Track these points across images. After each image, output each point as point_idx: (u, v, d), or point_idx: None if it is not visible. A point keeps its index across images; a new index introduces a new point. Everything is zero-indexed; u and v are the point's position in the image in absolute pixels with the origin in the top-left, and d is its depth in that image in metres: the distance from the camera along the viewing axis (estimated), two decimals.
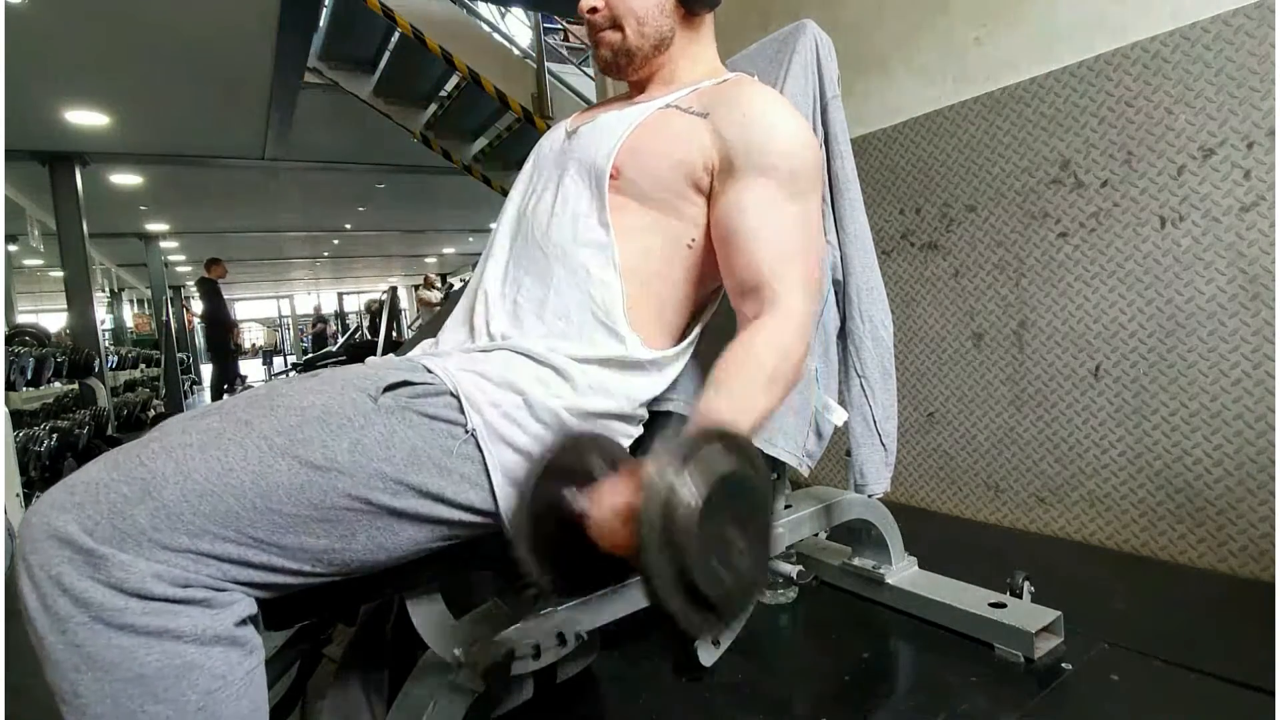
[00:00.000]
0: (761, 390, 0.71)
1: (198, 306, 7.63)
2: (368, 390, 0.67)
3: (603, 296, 0.81)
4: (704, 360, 0.91)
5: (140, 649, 0.53)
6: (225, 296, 7.56)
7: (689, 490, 0.52)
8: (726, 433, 0.58)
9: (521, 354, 0.78)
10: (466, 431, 0.69)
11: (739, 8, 2.18)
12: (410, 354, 0.86)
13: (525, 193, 0.95)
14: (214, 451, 0.58)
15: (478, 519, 0.71)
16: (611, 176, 0.83)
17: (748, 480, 0.57)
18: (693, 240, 0.86)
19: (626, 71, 0.94)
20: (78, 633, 0.52)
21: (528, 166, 0.98)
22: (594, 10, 0.90)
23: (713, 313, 0.92)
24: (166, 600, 0.54)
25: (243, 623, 0.58)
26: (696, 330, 0.90)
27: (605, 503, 0.57)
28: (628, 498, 0.55)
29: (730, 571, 0.55)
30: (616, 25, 0.90)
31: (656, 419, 0.88)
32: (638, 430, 0.85)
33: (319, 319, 15.36)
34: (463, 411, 0.70)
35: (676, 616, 0.52)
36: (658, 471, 0.52)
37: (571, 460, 0.61)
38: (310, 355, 10.41)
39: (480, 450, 0.70)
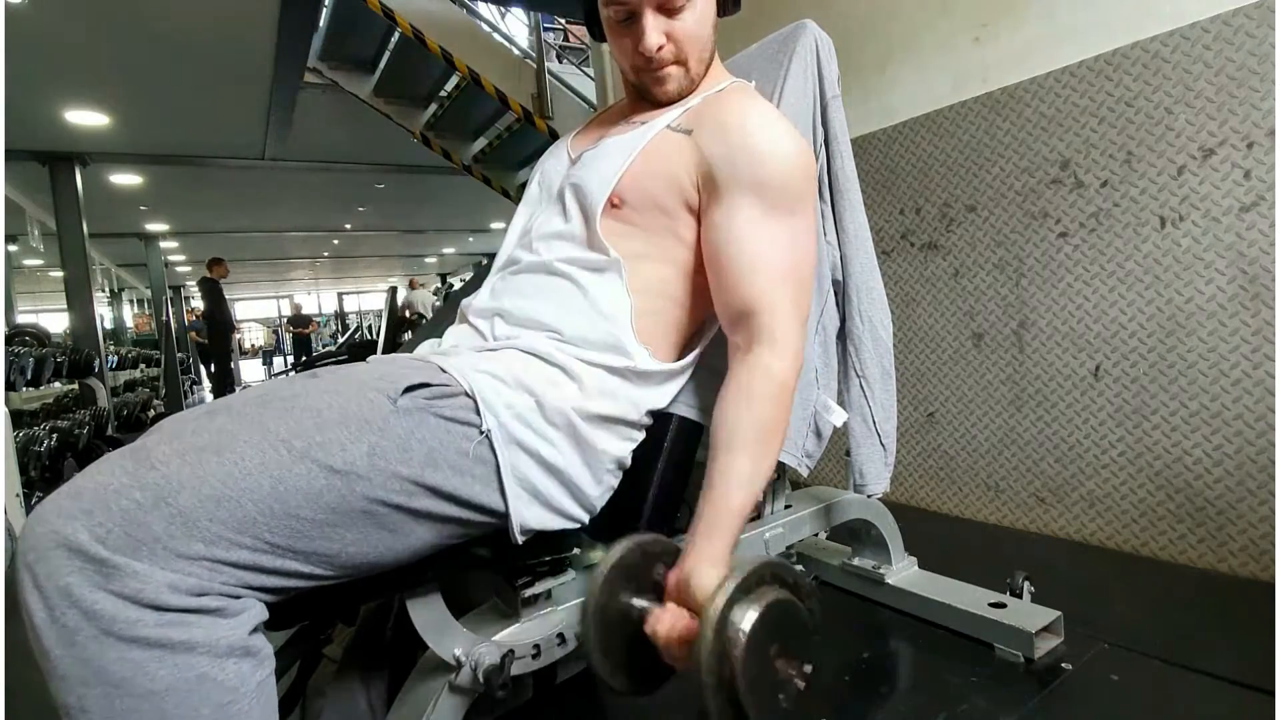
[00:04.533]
0: (768, 447, 0.75)
1: (200, 307, 7.62)
2: (386, 392, 0.66)
3: (611, 311, 0.81)
4: (711, 366, 0.91)
5: (152, 663, 0.51)
6: (227, 297, 7.57)
7: (740, 627, 0.59)
8: (771, 562, 0.65)
9: (529, 353, 0.78)
10: (481, 433, 0.69)
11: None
12: (417, 352, 0.86)
13: (532, 213, 0.96)
14: (229, 455, 0.56)
15: (487, 519, 0.71)
16: (615, 205, 0.83)
17: (791, 607, 0.64)
18: (698, 263, 0.86)
19: (685, 98, 0.90)
20: (87, 646, 0.49)
21: (533, 185, 0.99)
22: (661, 48, 0.84)
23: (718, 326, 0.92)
24: (182, 610, 0.52)
25: (254, 630, 0.57)
26: (704, 343, 0.90)
27: (666, 626, 0.65)
28: (688, 624, 0.64)
29: (783, 695, 0.62)
30: (681, 61, 0.87)
31: (658, 419, 0.88)
32: (640, 435, 0.85)
33: (299, 319, 12.16)
34: (478, 413, 0.70)
35: None
36: (713, 606, 0.59)
37: (634, 566, 0.69)
38: (310, 356, 10.38)
39: (493, 452, 0.70)
